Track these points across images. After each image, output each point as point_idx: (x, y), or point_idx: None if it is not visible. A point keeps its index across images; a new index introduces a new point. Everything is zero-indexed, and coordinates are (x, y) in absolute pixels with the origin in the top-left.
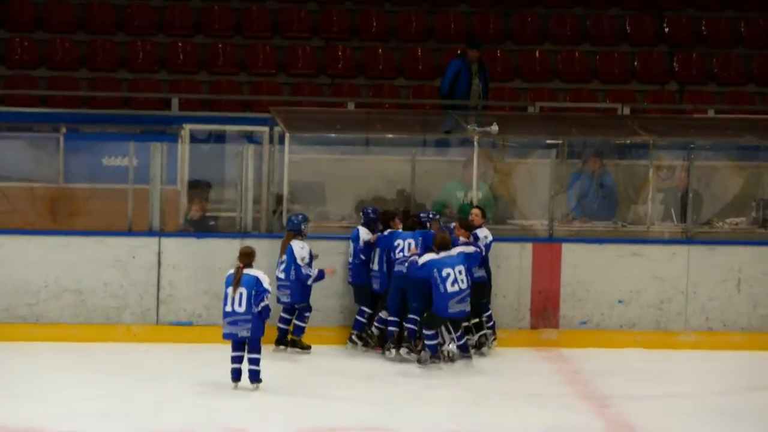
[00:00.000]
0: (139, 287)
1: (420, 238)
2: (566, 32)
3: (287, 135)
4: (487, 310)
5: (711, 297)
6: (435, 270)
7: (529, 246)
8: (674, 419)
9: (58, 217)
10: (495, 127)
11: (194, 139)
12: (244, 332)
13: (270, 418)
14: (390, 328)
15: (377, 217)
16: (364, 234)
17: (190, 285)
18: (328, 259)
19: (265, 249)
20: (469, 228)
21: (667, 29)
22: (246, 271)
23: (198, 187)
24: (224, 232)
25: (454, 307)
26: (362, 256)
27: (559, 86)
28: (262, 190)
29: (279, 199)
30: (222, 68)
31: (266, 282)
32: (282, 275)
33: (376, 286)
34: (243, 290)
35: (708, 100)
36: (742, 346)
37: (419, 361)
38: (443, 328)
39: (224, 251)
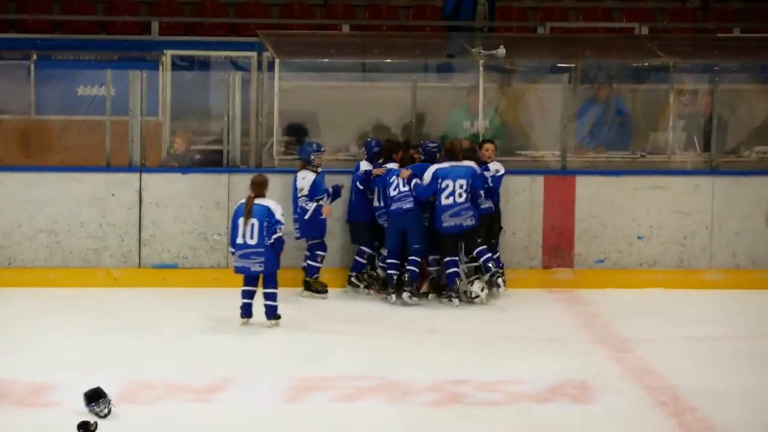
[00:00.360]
0: (119, 227)
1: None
2: None
3: (277, 61)
4: (496, 252)
5: (738, 232)
6: (438, 180)
7: (540, 179)
8: (699, 364)
9: (30, 151)
10: (502, 50)
11: (176, 66)
12: (256, 266)
13: (263, 368)
14: (389, 272)
15: (381, 149)
16: (366, 167)
17: (175, 224)
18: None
19: None
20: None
21: None
22: (257, 201)
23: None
24: (211, 166)
25: (447, 221)
26: (360, 192)
27: (570, 5)
28: (251, 120)
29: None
30: None
31: (279, 212)
32: (291, 208)
33: (381, 221)
34: (254, 221)
35: (733, 17)
36: None
37: (413, 295)
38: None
39: (211, 187)
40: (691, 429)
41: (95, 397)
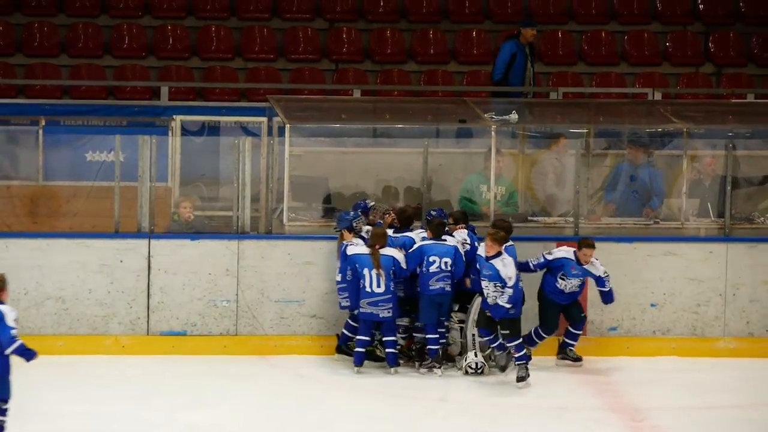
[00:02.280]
0: (127, 294)
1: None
2: (591, 10)
3: (287, 126)
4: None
5: (752, 299)
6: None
7: (552, 246)
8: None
9: (38, 217)
10: (514, 116)
11: (186, 131)
12: (385, 313)
13: None
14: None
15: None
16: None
17: (184, 291)
18: (335, 262)
19: (263, 252)
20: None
21: (701, 6)
22: (383, 252)
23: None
24: (220, 232)
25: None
26: None
27: (584, 70)
28: (261, 186)
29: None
30: (215, 53)
31: (402, 261)
32: (338, 278)
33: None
34: (382, 271)
35: (747, 83)
36: None
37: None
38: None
39: (220, 254)
40: None
41: None
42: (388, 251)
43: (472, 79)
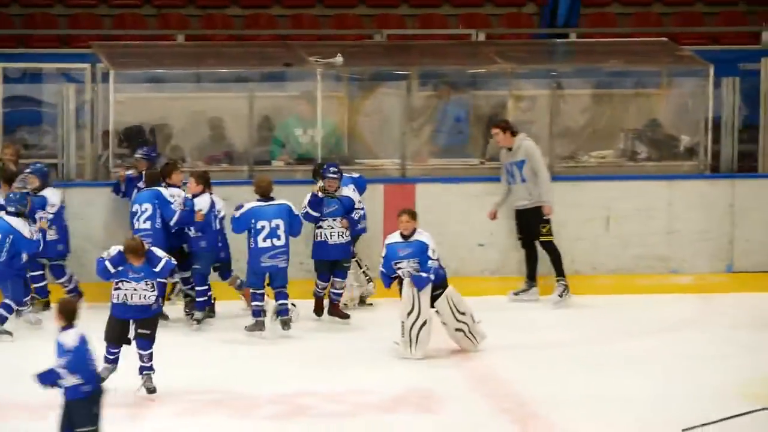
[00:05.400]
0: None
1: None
2: None
3: (112, 72)
4: None
5: (577, 237)
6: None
7: (380, 187)
8: (545, 370)
9: None
10: (339, 58)
11: (8, 78)
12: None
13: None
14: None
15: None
16: None
17: None
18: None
19: (93, 198)
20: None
21: None
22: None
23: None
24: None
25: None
26: None
27: (407, 12)
28: (86, 133)
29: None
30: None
31: None
32: None
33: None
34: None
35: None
36: (611, 290)
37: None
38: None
39: None
40: None
41: None
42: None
43: (295, 22)
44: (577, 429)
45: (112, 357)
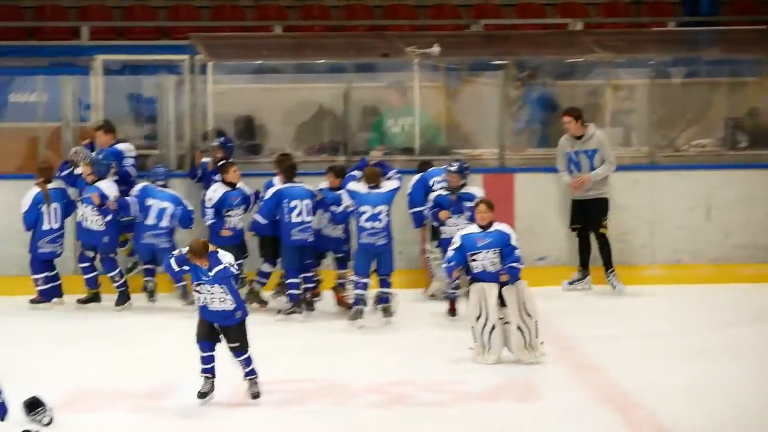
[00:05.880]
0: None
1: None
2: None
3: (210, 64)
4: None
5: (678, 227)
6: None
7: (478, 177)
8: (644, 359)
9: None
10: (436, 48)
11: (108, 71)
12: None
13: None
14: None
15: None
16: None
17: None
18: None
19: (191, 188)
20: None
21: None
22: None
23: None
24: (147, 170)
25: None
26: None
27: (504, 1)
28: (185, 124)
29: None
30: None
31: None
32: None
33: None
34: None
35: (667, 11)
36: (713, 279)
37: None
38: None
39: None
40: (637, 426)
41: (34, 406)
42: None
43: (392, 12)
44: (678, 418)
45: (206, 356)
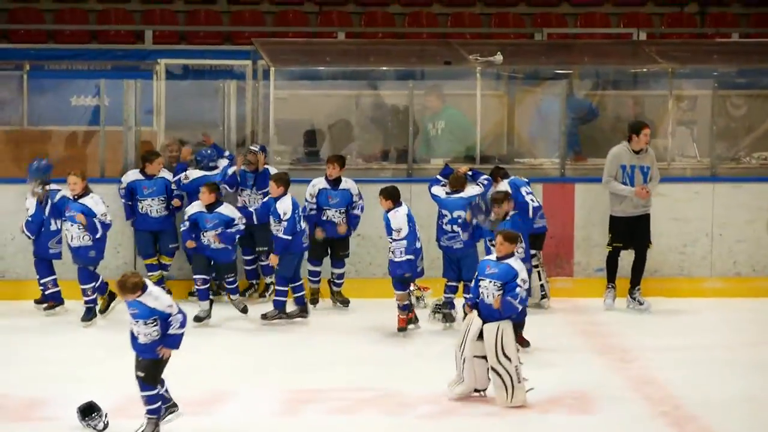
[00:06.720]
0: (113, 239)
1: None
2: None
3: (272, 69)
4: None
5: (739, 239)
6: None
7: (539, 187)
8: (702, 373)
9: (23, 162)
10: (499, 57)
11: (170, 75)
12: None
13: (257, 380)
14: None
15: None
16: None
17: None
18: None
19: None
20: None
21: None
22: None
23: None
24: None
25: None
26: None
27: (568, 11)
28: (246, 129)
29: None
30: None
31: None
32: None
33: None
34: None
35: (732, 22)
36: None
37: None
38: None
39: None
40: None
41: (89, 411)
42: None
43: (456, 20)
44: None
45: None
